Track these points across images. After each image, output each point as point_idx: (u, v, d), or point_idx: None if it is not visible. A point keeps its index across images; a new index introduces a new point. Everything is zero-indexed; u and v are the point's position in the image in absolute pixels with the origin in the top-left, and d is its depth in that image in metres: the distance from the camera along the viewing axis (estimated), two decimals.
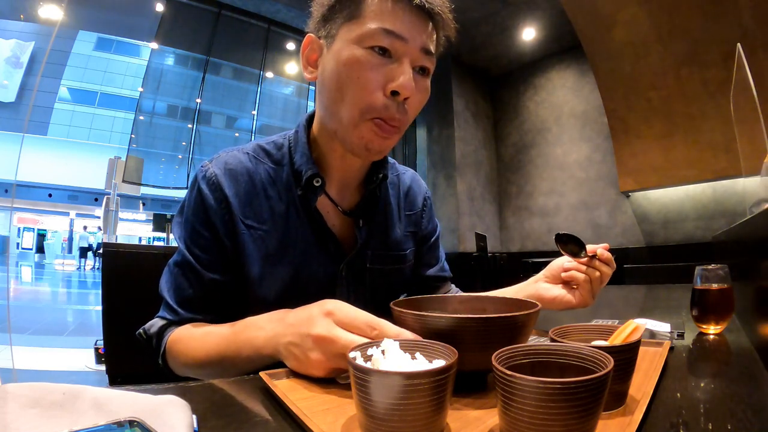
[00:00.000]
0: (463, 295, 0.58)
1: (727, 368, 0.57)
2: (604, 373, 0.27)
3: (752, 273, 0.70)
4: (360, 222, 0.69)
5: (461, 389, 0.42)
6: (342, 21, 0.58)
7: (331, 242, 0.67)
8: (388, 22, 0.55)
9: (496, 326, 0.41)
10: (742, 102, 1.58)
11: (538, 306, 0.46)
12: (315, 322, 0.46)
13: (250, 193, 0.65)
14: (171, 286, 0.65)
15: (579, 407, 0.26)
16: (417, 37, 0.57)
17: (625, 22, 4.29)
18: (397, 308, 0.46)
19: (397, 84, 0.55)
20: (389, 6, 0.55)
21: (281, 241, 0.65)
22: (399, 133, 0.61)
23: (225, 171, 0.65)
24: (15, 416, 0.29)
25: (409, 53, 0.57)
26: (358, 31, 0.56)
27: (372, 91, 0.56)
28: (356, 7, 0.56)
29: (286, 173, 0.67)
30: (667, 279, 2.23)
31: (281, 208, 0.66)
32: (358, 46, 0.56)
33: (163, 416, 0.31)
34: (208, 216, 0.63)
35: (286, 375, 0.48)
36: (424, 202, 0.84)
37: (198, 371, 0.60)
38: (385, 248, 0.73)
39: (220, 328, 0.60)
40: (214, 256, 0.64)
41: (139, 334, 0.67)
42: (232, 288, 0.66)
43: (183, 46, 5.74)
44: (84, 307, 6.65)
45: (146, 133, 6.07)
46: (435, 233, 0.86)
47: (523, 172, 6.44)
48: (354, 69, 0.56)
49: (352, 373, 0.32)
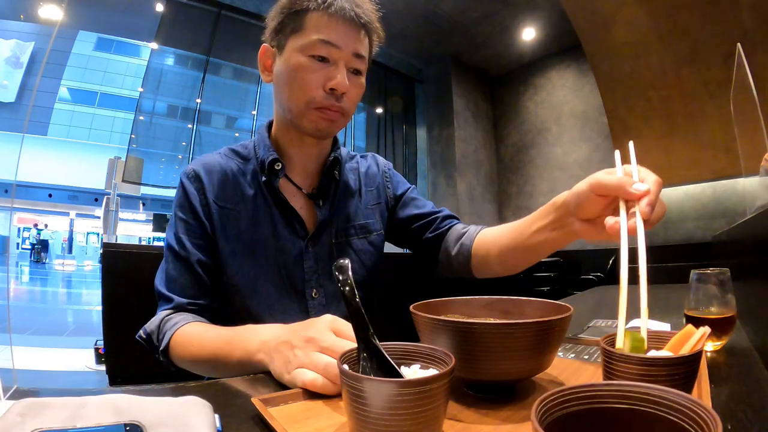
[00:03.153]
0: (487, 298, 0.55)
1: (727, 368, 0.57)
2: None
3: (753, 273, 0.70)
4: (320, 202, 0.79)
5: (486, 400, 0.41)
6: (289, 33, 0.70)
7: (295, 220, 0.76)
8: (324, 34, 0.68)
9: (520, 332, 0.38)
10: (742, 102, 1.58)
11: (570, 310, 0.43)
12: (312, 326, 0.49)
13: (222, 181, 0.76)
14: (163, 279, 0.73)
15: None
16: (349, 44, 0.69)
17: (624, 21, 4.28)
18: (416, 312, 0.44)
19: (333, 83, 0.68)
20: (325, 20, 0.68)
21: (251, 220, 0.75)
22: (343, 118, 0.73)
23: (201, 166, 0.77)
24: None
25: (343, 57, 0.69)
26: (302, 41, 0.68)
27: (314, 89, 0.69)
28: (300, 22, 0.69)
29: (252, 165, 0.78)
30: (667, 279, 2.23)
31: (250, 193, 0.76)
32: (302, 54, 0.68)
33: (185, 417, 0.31)
34: (190, 202, 0.74)
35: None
36: (384, 175, 0.92)
37: (193, 367, 0.65)
38: (347, 221, 0.82)
39: (220, 329, 0.63)
40: (197, 238, 0.73)
41: (139, 336, 0.70)
42: (215, 268, 0.74)
43: (183, 47, 5.73)
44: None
45: (146, 133, 6.07)
46: (407, 191, 0.92)
47: (523, 172, 6.43)
48: (299, 72, 0.69)
49: (342, 380, 0.32)
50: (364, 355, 0.37)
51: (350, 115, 0.75)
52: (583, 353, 0.59)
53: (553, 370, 0.51)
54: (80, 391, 0.36)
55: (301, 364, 0.45)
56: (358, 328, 0.38)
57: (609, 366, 0.37)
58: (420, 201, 0.92)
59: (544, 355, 0.41)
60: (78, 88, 18.41)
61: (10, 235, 14.89)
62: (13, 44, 16.64)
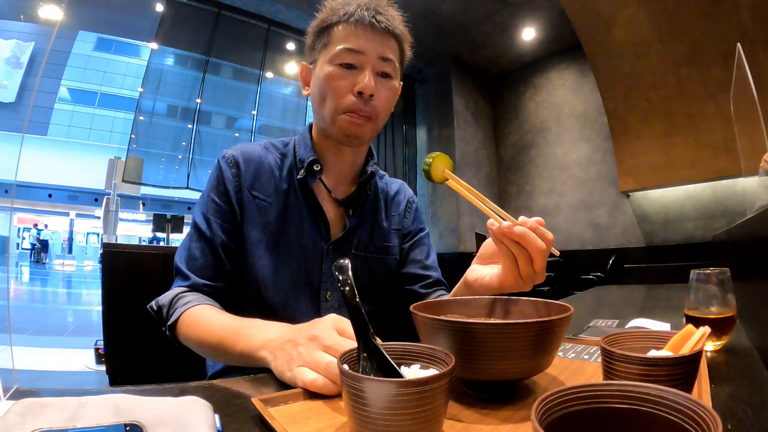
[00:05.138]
0: (487, 298, 0.56)
1: (727, 368, 0.57)
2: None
3: (753, 273, 0.70)
4: (350, 211, 0.81)
5: (486, 400, 0.41)
6: (321, 48, 0.76)
7: (322, 222, 0.79)
8: (348, 42, 0.72)
9: (520, 333, 0.38)
10: (742, 102, 1.58)
11: (570, 310, 0.43)
12: (316, 325, 0.49)
13: (258, 171, 0.79)
14: (184, 256, 0.75)
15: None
16: (374, 48, 0.72)
17: (624, 21, 4.28)
18: (416, 312, 0.44)
19: (360, 86, 0.71)
20: (349, 30, 0.72)
21: (280, 213, 0.77)
22: (372, 122, 0.75)
23: (240, 153, 0.80)
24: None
25: (369, 62, 0.72)
26: (330, 53, 0.73)
27: (344, 95, 0.72)
28: (328, 37, 0.74)
29: (290, 162, 0.81)
30: (667, 279, 2.23)
31: (283, 187, 0.79)
32: (330, 64, 0.73)
33: (185, 417, 0.31)
34: (225, 184, 0.76)
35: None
36: (408, 205, 0.94)
37: (197, 348, 0.66)
38: (370, 238, 0.84)
39: (229, 317, 0.64)
40: (226, 222, 0.75)
41: (150, 307, 0.72)
42: (237, 255, 0.76)
43: (183, 47, 5.72)
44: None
45: (146, 134, 6.06)
46: (420, 232, 0.93)
47: (523, 172, 6.43)
48: (329, 81, 0.73)
49: (342, 380, 0.32)
50: (365, 355, 0.37)
51: (381, 119, 0.77)
52: (583, 353, 0.59)
53: (553, 370, 0.51)
54: (80, 391, 0.36)
55: (303, 363, 0.46)
56: (358, 327, 0.38)
57: (609, 366, 0.37)
58: (425, 249, 0.92)
59: (544, 355, 0.41)
60: (78, 88, 18.40)
61: (10, 236, 14.88)
62: (13, 44, 16.64)
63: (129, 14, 6.86)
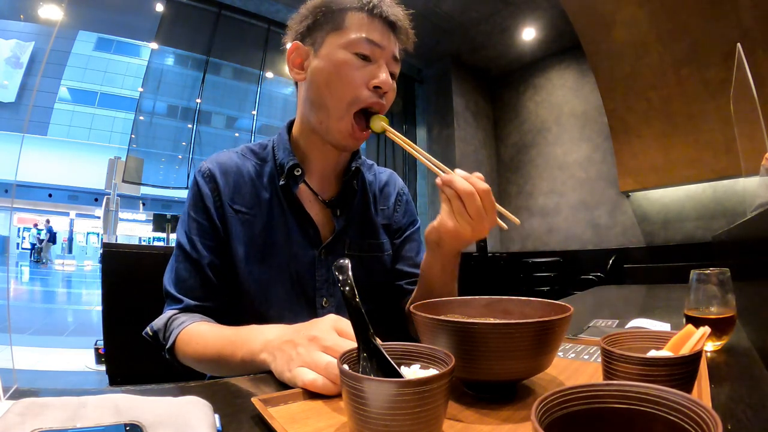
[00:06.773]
0: (487, 298, 0.56)
1: (727, 368, 0.57)
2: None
3: (753, 273, 0.70)
4: (337, 211, 0.78)
5: (486, 400, 0.41)
6: (329, 30, 0.70)
7: (310, 227, 0.75)
8: (368, 32, 0.68)
9: (520, 333, 0.37)
10: (742, 102, 1.58)
11: (570, 310, 0.43)
12: (316, 326, 0.49)
13: (238, 183, 0.75)
14: (172, 278, 0.72)
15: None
16: (390, 45, 0.70)
17: (624, 22, 4.28)
18: (416, 312, 0.44)
19: (378, 81, 0.68)
20: (367, 20, 0.69)
21: (265, 225, 0.73)
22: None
23: (217, 165, 0.75)
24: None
25: (384, 57, 0.70)
26: (344, 39, 0.68)
27: (358, 87, 0.68)
28: (340, 21, 0.69)
29: (270, 167, 0.77)
30: (667, 279, 2.23)
31: (266, 197, 0.75)
32: (346, 51, 0.68)
33: (185, 417, 0.31)
34: (204, 202, 0.72)
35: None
36: (398, 198, 0.90)
37: (198, 365, 0.64)
38: (362, 236, 0.81)
39: (225, 328, 0.63)
40: (209, 239, 0.72)
41: (145, 333, 0.70)
42: (226, 272, 0.73)
43: (183, 47, 5.73)
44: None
45: (146, 134, 6.07)
46: (411, 226, 0.90)
47: (523, 172, 6.43)
48: (343, 68, 0.68)
49: (342, 380, 0.32)
50: (364, 355, 0.37)
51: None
52: (583, 353, 0.59)
53: (553, 370, 0.51)
54: (80, 391, 0.36)
55: (302, 363, 0.46)
56: (358, 327, 0.38)
57: (609, 366, 0.37)
58: (416, 245, 0.90)
59: (544, 355, 0.41)
60: (78, 88, 18.39)
61: (10, 235, 14.87)
62: (13, 44, 16.63)
63: (129, 14, 6.86)
